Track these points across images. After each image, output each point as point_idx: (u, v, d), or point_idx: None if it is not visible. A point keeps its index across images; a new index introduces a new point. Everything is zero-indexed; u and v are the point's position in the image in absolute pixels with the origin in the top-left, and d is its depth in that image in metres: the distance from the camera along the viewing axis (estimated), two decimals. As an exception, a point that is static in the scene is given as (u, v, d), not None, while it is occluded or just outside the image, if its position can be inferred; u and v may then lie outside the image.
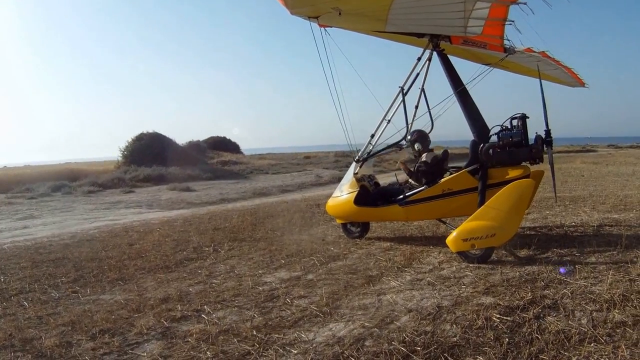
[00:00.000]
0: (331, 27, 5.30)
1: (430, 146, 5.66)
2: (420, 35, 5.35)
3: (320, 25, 5.08)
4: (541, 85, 4.84)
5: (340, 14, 4.53)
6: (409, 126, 5.64)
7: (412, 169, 5.54)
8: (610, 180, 12.18)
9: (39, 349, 3.15)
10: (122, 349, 3.13)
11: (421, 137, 5.61)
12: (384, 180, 7.65)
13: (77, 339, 3.29)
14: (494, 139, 5.03)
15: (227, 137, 43.15)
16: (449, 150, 5.76)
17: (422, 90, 5.86)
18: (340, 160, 28.18)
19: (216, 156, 31.57)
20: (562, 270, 3.88)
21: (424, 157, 5.39)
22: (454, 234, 4.54)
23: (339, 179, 19.94)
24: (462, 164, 5.39)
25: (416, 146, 5.56)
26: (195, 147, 29.93)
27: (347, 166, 7.70)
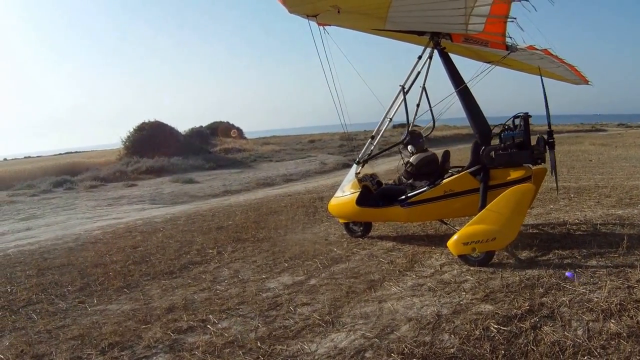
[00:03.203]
0: (330, 25, 5.20)
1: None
2: (420, 34, 5.25)
3: (319, 24, 4.99)
4: (543, 86, 4.77)
5: (339, 12, 4.44)
6: (410, 125, 5.59)
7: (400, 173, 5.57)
8: (618, 166, 12.13)
9: (51, 366, 3.23)
10: (133, 363, 3.22)
11: (413, 138, 5.59)
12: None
13: (87, 353, 3.37)
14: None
15: (230, 122, 43.17)
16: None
17: (424, 88, 5.79)
18: (344, 144, 28.12)
19: (219, 143, 31.50)
20: (568, 274, 3.92)
21: (411, 158, 5.39)
22: (455, 237, 4.57)
23: (343, 166, 19.75)
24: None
25: (409, 148, 5.54)
26: (198, 134, 29.85)
27: (352, 151, 7.66)
